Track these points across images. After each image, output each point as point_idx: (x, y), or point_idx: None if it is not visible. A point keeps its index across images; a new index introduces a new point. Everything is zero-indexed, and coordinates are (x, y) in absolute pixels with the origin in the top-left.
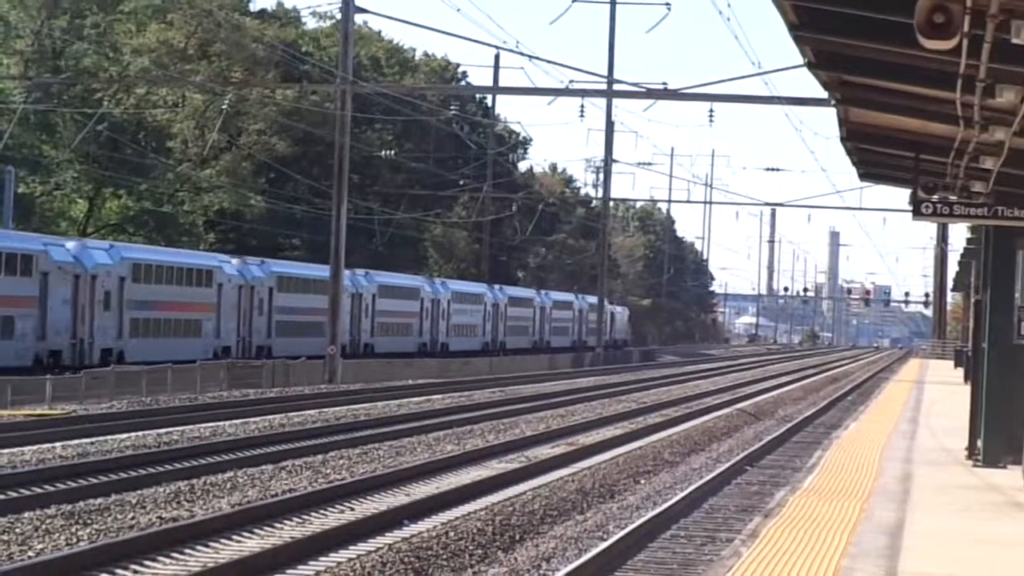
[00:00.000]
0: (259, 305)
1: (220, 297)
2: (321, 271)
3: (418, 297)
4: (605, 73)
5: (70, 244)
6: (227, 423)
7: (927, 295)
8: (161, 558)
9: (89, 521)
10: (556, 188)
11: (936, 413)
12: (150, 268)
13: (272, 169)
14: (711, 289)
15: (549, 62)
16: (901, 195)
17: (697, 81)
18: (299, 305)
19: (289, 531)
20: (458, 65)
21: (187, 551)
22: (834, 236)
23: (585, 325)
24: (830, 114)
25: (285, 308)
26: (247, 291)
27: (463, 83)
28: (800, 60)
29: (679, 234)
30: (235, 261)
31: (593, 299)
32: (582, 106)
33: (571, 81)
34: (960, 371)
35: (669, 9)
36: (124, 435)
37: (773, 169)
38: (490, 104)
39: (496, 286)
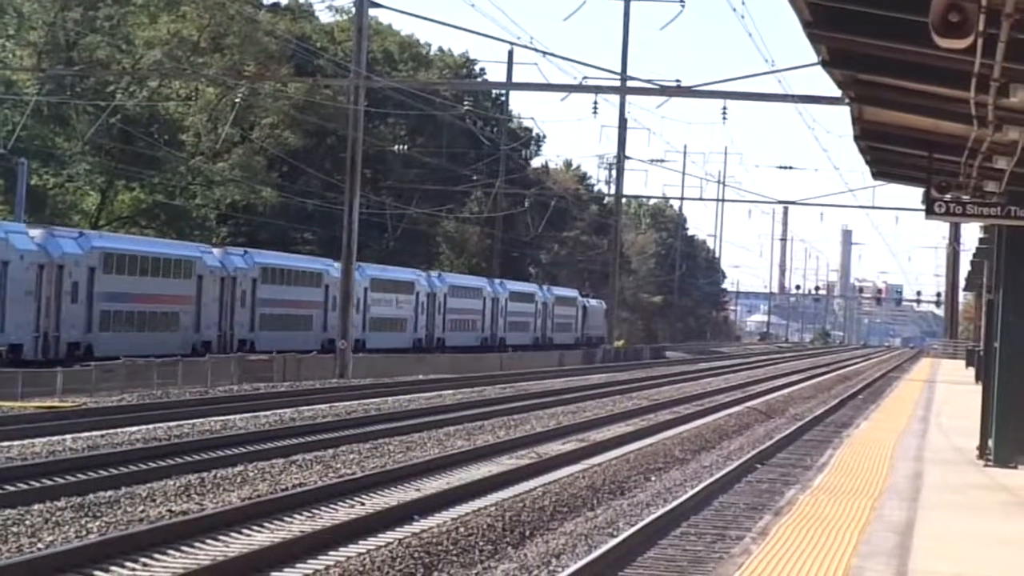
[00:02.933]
0: (242, 297)
1: (200, 289)
2: (309, 262)
3: (413, 291)
4: (619, 70)
5: (35, 232)
6: (238, 417)
7: (939, 294)
8: (171, 551)
9: (99, 514)
10: (570, 184)
11: (947, 412)
12: (123, 258)
13: (284, 163)
14: (723, 287)
15: (563, 58)
16: (914, 194)
17: (710, 78)
18: (285, 297)
19: (299, 525)
20: (475, 61)
21: (197, 544)
22: (846, 234)
23: (551, 320)
24: (844, 112)
25: (270, 300)
26: (229, 283)
27: (478, 79)
28: (814, 58)
29: (691, 231)
30: (216, 251)
31: (564, 291)
32: (595, 102)
33: (584, 77)
34: (971, 371)
35: (683, 6)
36: (134, 428)
37: (786, 167)
38: (504, 100)
39: (497, 280)
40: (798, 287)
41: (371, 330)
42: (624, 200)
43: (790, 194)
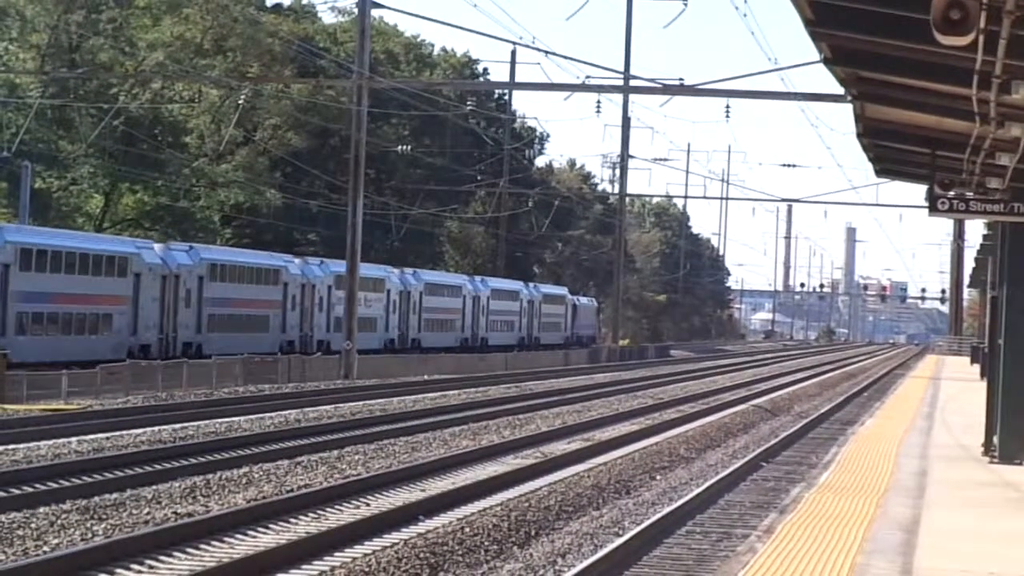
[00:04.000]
0: (186, 296)
1: (137, 288)
2: (266, 258)
3: (383, 289)
4: (622, 69)
5: None
6: (242, 418)
7: (943, 291)
8: (176, 553)
9: (104, 516)
10: (573, 184)
11: (952, 409)
12: (44, 255)
13: (288, 164)
14: (727, 285)
15: (566, 58)
16: (918, 191)
17: (713, 77)
18: (237, 296)
19: (304, 526)
20: (478, 61)
21: (202, 546)
22: (850, 232)
23: (538, 319)
24: (846, 110)
25: (219, 300)
26: (171, 281)
27: (481, 79)
28: (817, 56)
29: (695, 230)
30: (158, 247)
31: (552, 289)
32: (598, 102)
33: (588, 77)
34: (976, 367)
35: (686, 5)
36: (139, 430)
37: (789, 165)
38: (507, 100)
39: (478, 277)
40: (802, 285)
41: (336, 331)
42: (628, 199)
43: (794, 192)
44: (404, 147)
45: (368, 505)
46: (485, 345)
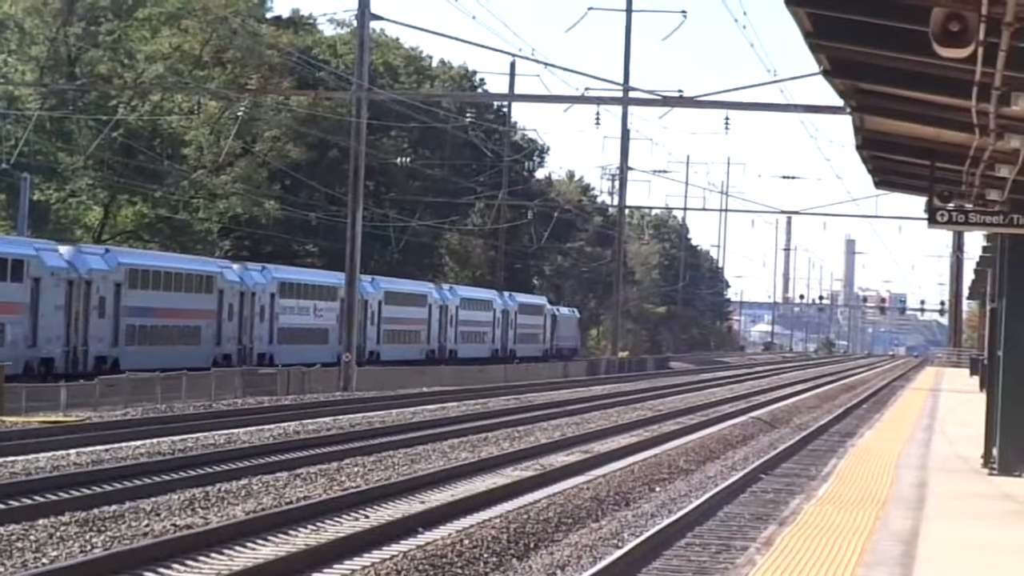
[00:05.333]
0: (100, 305)
1: (37, 295)
2: (199, 264)
3: (336, 297)
4: (621, 80)
5: None
6: (242, 430)
7: (943, 303)
8: (175, 565)
9: (103, 528)
10: (573, 196)
11: (951, 421)
12: None
13: (287, 176)
14: (726, 297)
15: (565, 69)
16: (917, 203)
17: (713, 89)
18: (163, 306)
19: (304, 538)
20: (475, 72)
21: (201, 558)
22: (850, 244)
23: (514, 330)
24: (846, 122)
25: (141, 309)
26: (81, 288)
27: (481, 91)
28: (816, 68)
29: (694, 242)
30: (64, 250)
31: (529, 298)
32: (597, 113)
33: (587, 88)
34: (976, 379)
35: (685, 17)
36: (139, 442)
37: (789, 177)
38: (506, 112)
39: (446, 286)
40: (802, 297)
41: (281, 342)
42: (627, 211)
43: (793, 204)
44: (403, 159)
45: (367, 517)
46: (454, 358)
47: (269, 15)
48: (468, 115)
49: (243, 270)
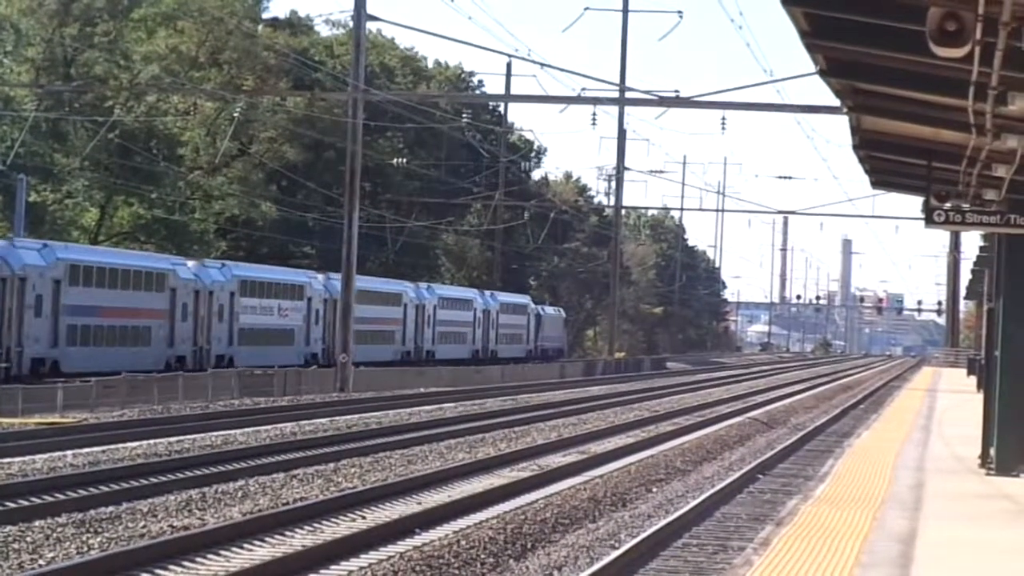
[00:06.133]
0: (36, 304)
1: None
2: (150, 260)
3: (303, 296)
4: (617, 81)
5: None
6: (238, 431)
7: (940, 303)
8: (172, 567)
9: (100, 529)
10: (569, 196)
11: (949, 421)
12: None
13: (284, 177)
14: (723, 297)
15: (561, 70)
16: (914, 203)
17: (709, 89)
18: (108, 304)
19: (300, 539)
20: (473, 73)
21: (198, 560)
22: (846, 244)
23: (495, 330)
24: (842, 122)
25: (83, 308)
26: (13, 285)
27: (477, 91)
28: (812, 68)
29: (691, 242)
30: None
31: (512, 297)
32: (594, 114)
33: (583, 89)
34: (973, 379)
35: (681, 17)
36: (135, 443)
37: (785, 177)
38: (502, 112)
39: (423, 284)
40: (799, 297)
41: (242, 343)
42: (624, 211)
43: (790, 204)
44: (400, 160)
45: (364, 518)
46: (431, 359)
47: (265, 16)
48: (464, 116)
49: (200, 267)
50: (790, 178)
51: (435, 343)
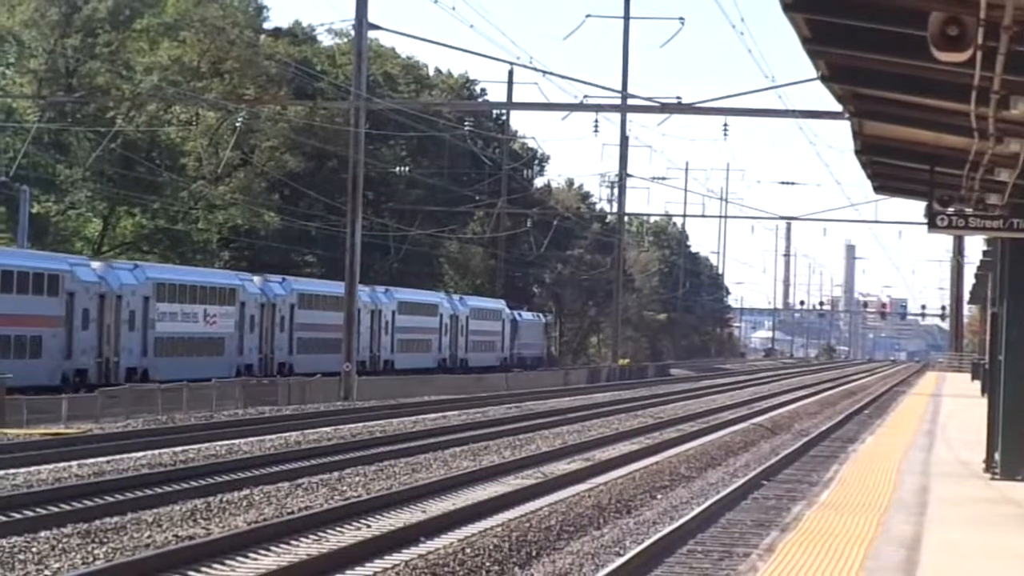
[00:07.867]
0: None
1: None
2: (38, 261)
3: (235, 301)
4: (619, 88)
5: None
6: (243, 441)
7: (944, 308)
8: None
9: (105, 540)
10: (572, 203)
11: (953, 426)
12: None
13: (286, 186)
14: (727, 303)
15: (563, 77)
16: (917, 208)
17: (711, 95)
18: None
19: (305, 548)
20: (475, 81)
21: (203, 569)
22: (850, 249)
23: (465, 337)
24: (845, 127)
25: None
26: None
27: (479, 99)
28: (814, 73)
29: (694, 249)
30: None
31: (484, 302)
32: (596, 121)
33: (585, 96)
34: (977, 384)
35: (683, 24)
36: (140, 453)
37: (788, 183)
38: (505, 120)
39: (382, 288)
40: (802, 303)
41: (159, 354)
42: (626, 218)
43: (793, 210)
44: (402, 168)
45: (369, 527)
46: (391, 369)
47: (267, 26)
48: (467, 124)
49: (106, 269)
50: (793, 184)
51: (394, 351)
